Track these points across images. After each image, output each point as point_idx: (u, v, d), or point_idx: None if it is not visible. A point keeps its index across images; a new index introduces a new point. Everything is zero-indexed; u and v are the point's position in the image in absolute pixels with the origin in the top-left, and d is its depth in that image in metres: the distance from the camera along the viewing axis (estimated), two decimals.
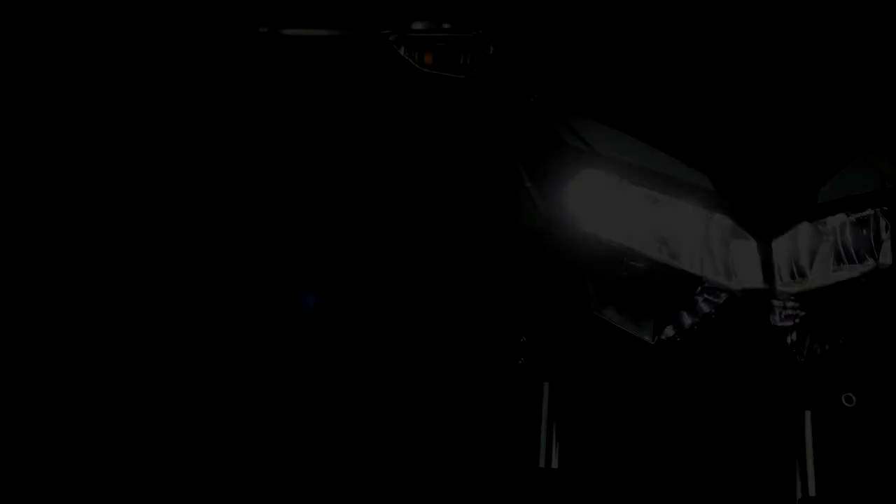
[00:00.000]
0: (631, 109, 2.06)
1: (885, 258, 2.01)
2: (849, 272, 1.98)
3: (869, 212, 2.00)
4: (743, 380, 1.94)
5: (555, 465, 2.07)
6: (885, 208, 2.01)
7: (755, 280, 1.89)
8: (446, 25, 2.48)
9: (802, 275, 1.94)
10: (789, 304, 1.92)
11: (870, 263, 2.00)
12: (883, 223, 2.02)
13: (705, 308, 1.91)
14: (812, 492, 2.10)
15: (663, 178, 1.92)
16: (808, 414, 2.15)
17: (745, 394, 1.96)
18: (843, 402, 2.16)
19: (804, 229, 1.93)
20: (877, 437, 2.39)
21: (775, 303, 1.90)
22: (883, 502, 2.40)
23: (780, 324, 1.91)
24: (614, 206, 1.93)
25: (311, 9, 2.56)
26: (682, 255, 1.92)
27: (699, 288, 1.92)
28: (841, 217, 1.98)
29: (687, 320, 1.92)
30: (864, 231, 2.00)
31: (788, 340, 1.93)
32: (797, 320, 1.94)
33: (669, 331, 1.93)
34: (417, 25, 2.49)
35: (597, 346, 1.95)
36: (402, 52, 2.12)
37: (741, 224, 1.89)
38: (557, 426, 2.09)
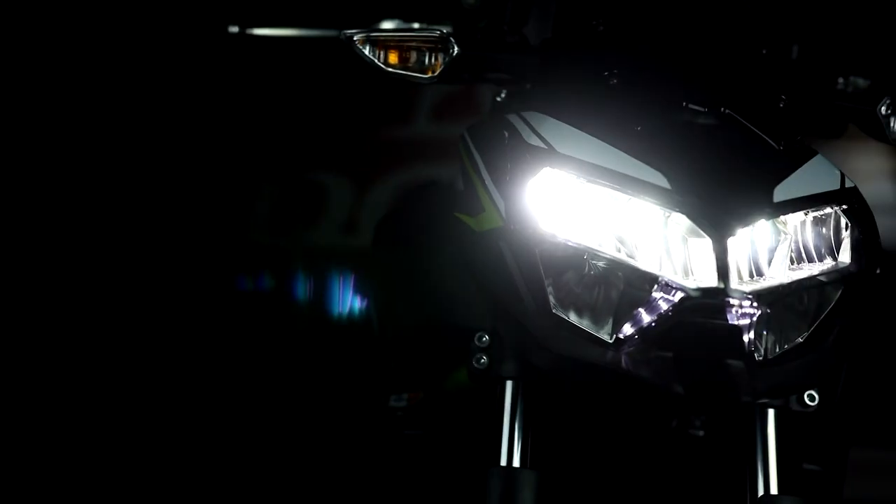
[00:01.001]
0: (590, 108, 2.07)
1: (845, 257, 2.01)
2: (807, 271, 1.98)
3: (828, 210, 2.01)
4: (703, 378, 1.94)
5: (516, 463, 2.08)
6: (845, 207, 2.02)
7: (710, 279, 1.90)
8: (416, 25, 2.49)
9: (760, 273, 1.94)
10: (745, 302, 1.93)
11: (829, 262, 2.00)
12: (843, 222, 2.02)
13: (663, 307, 1.92)
14: (774, 490, 2.11)
15: (622, 177, 1.93)
16: (770, 412, 2.16)
17: (705, 392, 1.96)
18: (806, 400, 2.18)
19: (761, 228, 1.94)
20: (838, 436, 2.40)
21: (731, 301, 1.91)
22: (843, 500, 2.41)
23: (736, 322, 1.92)
24: (573, 205, 1.94)
25: (282, 8, 2.58)
26: (640, 254, 1.93)
27: (656, 287, 1.93)
28: (800, 216, 1.98)
29: (645, 319, 1.93)
30: (824, 230, 2.01)
31: (746, 339, 1.94)
32: (754, 319, 1.94)
33: (628, 329, 1.94)
34: (386, 25, 2.51)
35: (557, 345, 1.95)
36: (366, 52, 2.13)
37: (697, 223, 1.90)
38: (520, 424, 2.10)
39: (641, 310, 1.94)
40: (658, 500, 2.41)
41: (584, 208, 1.94)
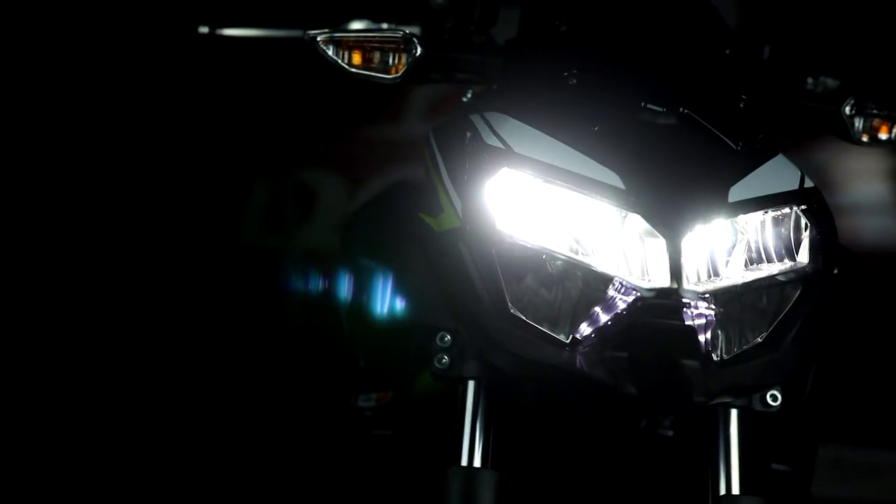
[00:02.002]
0: (550, 108, 2.07)
1: (803, 257, 2.01)
2: (764, 271, 1.98)
3: (787, 210, 2.01)
4: (657, 378, 1.95)
5: (477, 463, 2.08)
6: (804, 207, 2.02)
7: (664, 280, 1.90)
8: (385, 25, 2.50)
9: (716, 274, 1.95)
10: (700, 303, 1.93)
11: (787, 262, 2.00)
12: (802, 222, 2.02)
13: (617, 307, 1.92)
14: (735, 490, 2.11)
15: (577, 178, 1.93)
16: (733, 412, 2.16)
17: (658, 393, 1.97)
18: (769, 400, 2.17)
19: (716, 228, 1.94)
20: (806, 435, 2.40)
21: (685, 302, 1.91)
22: (806, 500, 2.41)
23: (691, 323, 1.92)
24: (530, 205, 1.95)
25: (252, 9, 2.58)
26: (596, 255, 1.93)
27: (611, 287, 1.93)
28: (758, 216, 1.98)
29: (600, 319, 1.93)
30: (783, 230, 2.01)
31: (703, 339, 1.94)
32: (710, 319, 1.94)
33: (584, 329, 1.94)
34: (356, 25, 2.51)
35: (514, 345, 1.95)
36: (329, 52, 2.13)
37: (651, 223, 1.90)
38: (481, 424, 2.10)
39: (597, 310, 1.94)
40: (624, 499, 2.41)
41: (541, 208, 1.95)
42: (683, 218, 1.90)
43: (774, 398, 2.16)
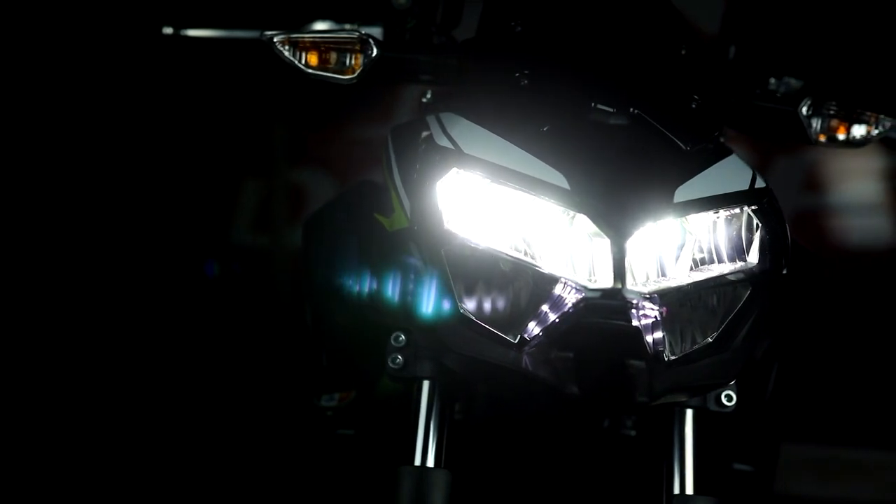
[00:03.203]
0: (502, 108, 2.07)
1: (753, 257, 2.01)
2: (712, 272, 1.98)
3: (736, 210, 2.01)
4: (601, 379, 1.95)
5: (430, 463, 2.09)
6: (755, 208, 2.02)
7: (609, 280, 1.91)
8: (348, 26, 2.50)
9: (663, 274, 1.95)
10: (646, 303, 1.93)
11: (737, 263, 2.00)
12: (754, 223, 2.02)
13: (563, 307, 1.93)
14: (689, 490, 2.12)
15: (524, 178, 1.94)
16: (688, 412, 2.17)
17: (601, 393, 1.97)
18: (723, 400, 2.18)
19: (663, 229, 1.94)
20: (768, 435, 2.40)
21: (630, 302, 1.91)
22: (768, 499, 2.41)
23: (637, 323, 1.92)
24: (478, 205, 1.95)
25: (216, 10, 2.59)
26: (543, 256, 1.94)
27: (557, 287, 1.93)
28: (707, 216, 1.98)
29: (547, 320, 1.94)
30: (733, 230, 2.01)
31: (651, 339, 1.94)
32: (657, 319, 1.94)
33: (531, 329, 1.94)
34: (319, 26, 2.52)
35: (463, 345, 1.96)
36: (286, 53, 2.14)
37: (596, 224, 1.90)
38: (435, 424, 2.11)
39: (544, 310, 1.94)
40: (581, 499, 2.42)
41: (490, 209, 1.95)
42: (628, 218, 1.90)
43: (729, 398, 2.17)
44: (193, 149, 4.19)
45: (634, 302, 1.91)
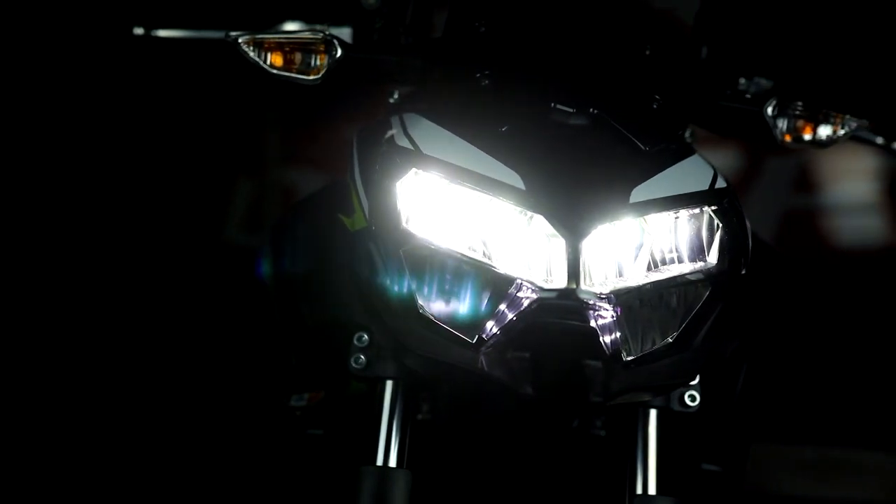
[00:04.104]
0: (463, 109, 2.08)
1: (713, 258, 2.01)
2: (669, 272, 1.98)
3: (696, 211, 2.01)
4: (557, 379, 1.95)
5: (392, 463, 2.09)
6: (714, 208, 2.02)
7: (564, 280, 1.91)
8: (319, 27, 2.51)
9: (620, 275, 1.95)
10: (602, 304, 1.93)
11: (696, 263, 2.00)
12: (714, 223, 2.02)
13: (521, 308, 1.93)
14: (652, 490, 2.12)
15: (482, 179, 1.94)
16: (652, 412, 2.17)
17: (556, 393, 1.97)
18: (687, 400, 2.18)
19: (620, 229, 1.94)
20: (737, 435, 2.40)
21: (586, 303, 1.91)
22: (736, 500, 2.41)
23: (593, 323, 1.92)
24: (436, 205, 1.96)
25: (187, 11, 2.60)
26: (499, 256, 1.94)
27: (514, 288, 1.93)
28: (666, 216, 1.98)
29: (503, 320, 1.94)
30: (693, 230, 2.01)
31: (608, 340, 1.94)
32: (614, 320, 1.94)
33: (488, 330, 1.95)
34: (289, 26, 2.53)
35: (422, 346, 1.96)
36: (251, 53, 2.14)
37: (552, 224, 1.90)
38: (398, 424, 2.12)
39: (501, 311, 1.95)
40: (546, 498, 2.42)
41: (448, 209, 1.96)
42: (583, 219, 1.91)
43: (693, 398, 2.17)
44: (182, 149, 4.20)
45: (590, 302, 1.91)
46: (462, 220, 1.95)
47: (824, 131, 2.26)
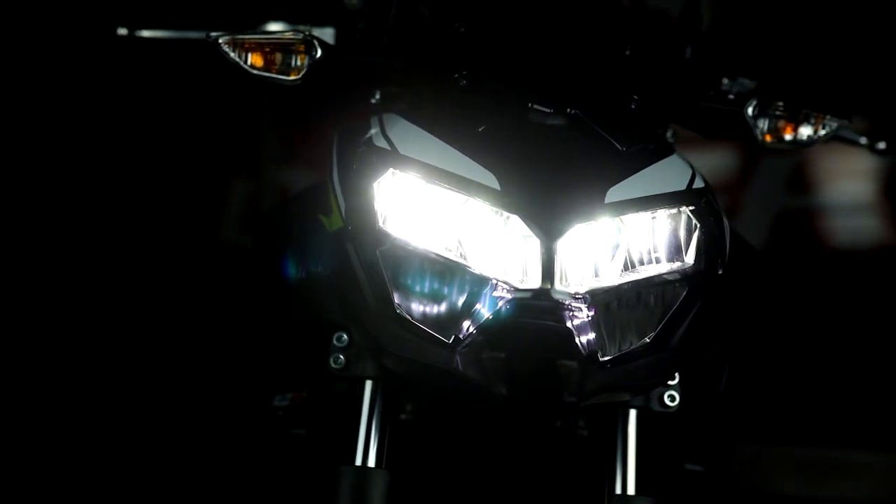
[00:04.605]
0: (441, 109, 2.08)
1: (690, 258, 2.01)
2: (645, 272, 1.98)
3: (674, 211, 2.01)
4: (532, 379, 1.95)
5: (371, 463, 2.10)
6: (692, 208, 2.02)
7: (538, 280, 1.91)
8: (302, 28, 2.51)
9: (596, 275, 1.95)
10: (577, 304, 1.93)
11: (672, 263, 2.00)
12: (692, 223, 2.02)
13: (496, 308, 1.93)
14: (631, 490, 2.12)
15: (458, 179, 1.94)
16: (632, 413, 2.17)
17: (530, 393, 1.97)
18: (666, 400, 2.18)
19: (596, 229, 1.94)
20: (719, 436, 2.40)
21: (561, 303, 1.91)
22: (719, 500, 2.42)
23: (569, 323, 1.92)
24: (413, 206, 1.96)
25: (169, 11, 2.60)
26: (475, 256, 1.94)
27: (489, 288, 1.93)
28: (643, 216, 1.98)
29: (478, 320, 1.94)
30: (670, 230, 2.01)
31: (585, 340, 1.94)
32: (590, 320, 1.94)
33: (464, 330, 1.94)
34: (272, 27, 2.53)
35: (398, 346, 1.97)
36: (231, 54, 2.15)
37: (527, 224, 1.90)
38: (377, 424, 2.12)
39: (477, 310, 1.95)
40: (529, 499, 2.42)
41: (423, 209, 1.96)
42: (558, 219, 1.91)
43: (672, 398, 2.17)
44: (171, 149, 4.20)
45: (565, 302, 1.91)
46: (439, 221, 1.95)
47: (805, 131, 2.26)
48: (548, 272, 1.90)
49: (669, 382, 2.15)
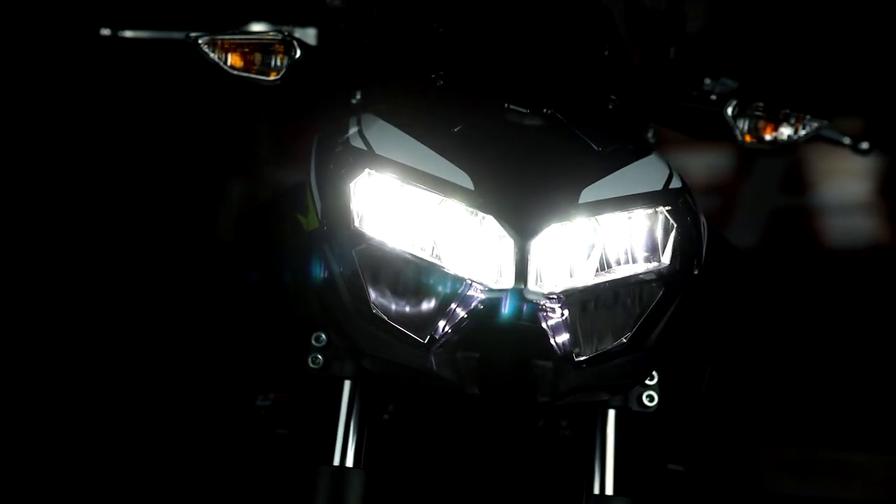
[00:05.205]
0: (418, 109, 2.08)
1: (666, 258, 2.01)
2: (620, 273, 1.98)
3: (650, 211, 2.00)
4: (505, 379, 1.95)
5: (349, 463, 2.10)
6: (669, 208, 2.01)
7: (512, 280, 1.91)
8: (285, 28, 2.51)
9: (571, 275, 1.95)
10: (551, 304, 1.93)
11: (649, 263, 2.00)
12: (669, 223, 2.02)
13: (471, 308, 1.93)
14: (609, 490, 2.12)
15: (432, 179, 1.94)
16: (611, 413, 2.17)
17: (502, 393, 1.97)
18: (645, 401, 2.18)
19: (572, 230, 1.94)
20: (695, 437, 2.40)
21: (536, 303, 1.91)
22: (680, 499, 2.42)
23: (543, 323, 1.92)
24: (388, 206, 1.96)
25: (156, 12, 2.61)
26: (450, 256, 1.94)
27: (463, 288, 1.93)
28: (619, 216, 1.98)
29: (453, 320, 1.93)
30: (646, 231, 2.00)
31: (560, 340, 1.94)
32: (565, 319, 1.94)
33: (439, 330, 1.94)
34: (255, 27, 2.53)
35: (374, 346, 1.97)
36: (210, 54, 2.15)
37: (501, 224, 1.90)
38: (355, 424, 2.12)
39: (451, 311, 1.94)
40: (508, 498, 2.43)
41: (399, 209, 1.96)
42: (532, 219, 1.90)
43: (651, 398, 2.17)
44: (165, 148, 4.20)
45: (540, 303, 1.91)
46: (414, 221, 1.95)
47: (786, 131, 2.26)
48: (521, 272, 1.90)
49: (648, 382, 2.15)
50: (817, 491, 4.42)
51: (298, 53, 2.15)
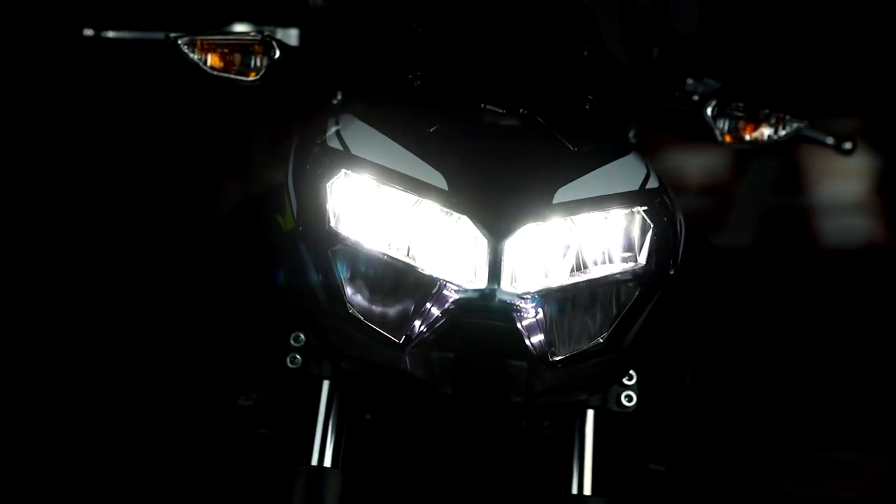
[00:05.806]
0: (395, 109, 2.08)
1: (642, 258, 2.01)
2: (596, 273, 1.98)
3: (626, 211, 2.00)
4: (478, 379, 1.95)
5: (327, 463, 2.10)
6: (645, 208, 2.01)
7: (485, 281, 1.91)
8: (267, 29, 2.51)
9: (546, 275, 1.95)
10: (526, 304, 1.93)
11: (625, 263, 2.00)
12: (646, 223, 2.02)
13: (445, 308, 1.93)
14: (587, 490, 2.12)
15: (407, 180, 1.94)
16: (590, 413, 2.17)
17: (476, 393, 1.97)
18: (623, 401, 2.18)
19: (547, 230, 1.94)
20: (678, 437, 2.40)
21: (510, 303, 1.91)
22: (663, 499, 2.42)
23: (518, 324, 1.92)
24: (364, 206, 1.96)
25: (139, 12, 2.61)
26: (426, 256, 1.94)
27: (437, 288, 1.93)
28: (593, 216, 1.98)
29: (427, 320, 1.94)
30: (622, 231, 2.00)
31: (536, 340, 1.94)
32: (540, 320, 1.94)
33: (416, 330, 1.94)
34: (238, 27, 2.53)
35: (350, 347, 1.97)
36: (190, 54, 2.15)
37: (476, 225, 1.90)
38: (333, 424, 2.12)
39: (426, 311, 1.94)
40: (487, 498, 2.43)
41: (376, 210, 1.96)
42: (506, 220, 1.91)
43: (629, 398, 2.17)
44: (151, 148, 4.21)
45: (515, 303, 1.91)
46: (390, 221, 1.95)
47: (765, 131, 2.26)
48: (494, 272, 1.90)
49: (626, 382, 2.15)
50: (808, 490, 4.42)
51: (278, 54, 2.15)
